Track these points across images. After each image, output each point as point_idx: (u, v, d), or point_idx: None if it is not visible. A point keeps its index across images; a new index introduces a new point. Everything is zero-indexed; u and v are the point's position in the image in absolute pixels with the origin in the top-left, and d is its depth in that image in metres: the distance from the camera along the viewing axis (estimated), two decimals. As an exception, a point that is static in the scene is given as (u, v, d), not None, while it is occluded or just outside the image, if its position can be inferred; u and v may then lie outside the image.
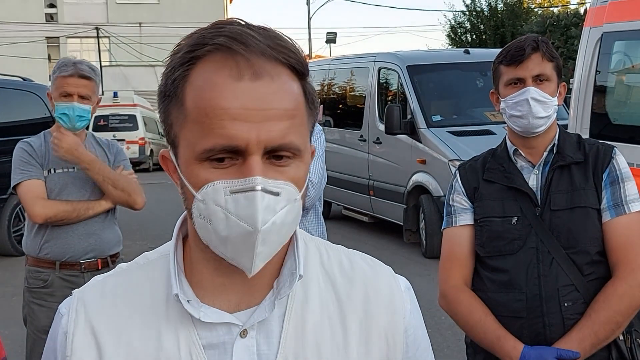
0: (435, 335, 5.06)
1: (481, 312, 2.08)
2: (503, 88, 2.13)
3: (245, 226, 0.89)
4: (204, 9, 32.75)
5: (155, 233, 9.57)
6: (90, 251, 3.11)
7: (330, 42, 30.92)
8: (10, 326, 5.88)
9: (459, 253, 2.17)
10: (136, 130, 23.13)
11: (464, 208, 2.17)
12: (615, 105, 6.17)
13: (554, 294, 2.02)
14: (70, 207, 3.04)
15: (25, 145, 3.11)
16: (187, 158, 0.93)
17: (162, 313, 0.99)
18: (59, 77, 3.05)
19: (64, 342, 1.00)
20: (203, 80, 0.91)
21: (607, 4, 5.94)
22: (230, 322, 0.98)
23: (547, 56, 2.08)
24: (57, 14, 34.96)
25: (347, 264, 1.07)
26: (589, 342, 1.96)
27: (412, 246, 8.67)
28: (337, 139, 10.66)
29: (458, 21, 26.15)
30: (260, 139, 0.89)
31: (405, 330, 1.06)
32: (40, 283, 3.10)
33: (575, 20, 17.67)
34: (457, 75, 9.13)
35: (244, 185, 0.89)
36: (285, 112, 0.91)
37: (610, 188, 2.06)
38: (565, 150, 2.11)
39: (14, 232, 8.86)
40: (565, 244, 2.03)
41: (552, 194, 2.07)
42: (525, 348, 1.99)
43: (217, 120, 0.89)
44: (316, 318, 1.01)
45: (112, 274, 1.07)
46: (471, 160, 2.26)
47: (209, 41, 0.91)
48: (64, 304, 1.05)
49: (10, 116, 9.03)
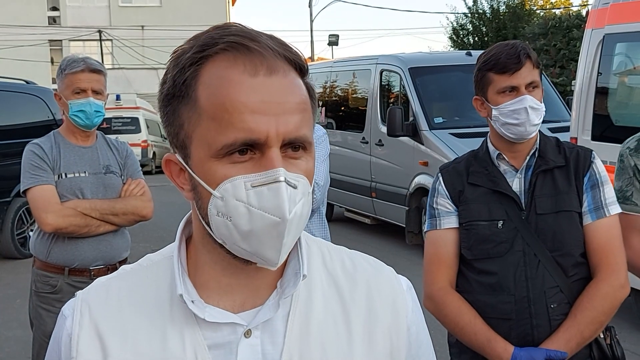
0: (437, 336, 4.95)
1: (470, 314, 2.10)
2: (494, 95, 2.13)
3: (271, 217, 0.91)
4: (206, 12, 32.82)
5: (158, 235, 9.59)
6: (100, 258, 3.07)
7: (333, 44, 30.92)
8: (14, 328, 5.89)
9: (444, 255, 2.18)
10: (139, 132, 23.16)
11: (449, 211, 2.19)
12: (617, 107, 6.18)
13: (541, 296, 2.06)
14: (83, 221, 2.98)
15: (35, 147, 3.03)
16: (202, 156, 0.93)
17: (166, 314, 1.00)
18: (70, 74, 2.99)
19: (69, 344, 1.00)
20: (217, 77, 0.92)
21: (609, 5, 5.95)
22: (234, 322, 0.98)
23: (536, 63, 2.12)
24: (60, 17, 35.02)
25: (349, 264, 1.08)
26: (575, 341, 2.02)
27: (414, 248, 8.66)
28: (340, 141, 10.65)
29: (460, 23, 26.13)
30: (279, 131, 0.91)
31: (408, 328, 1.07)
32: (49, 288, 3.06)
33: (577, 22, 17.66)
34: (459, 77, 9.13)
35: (268, 177, 0.90)
36: (298, 105, 0.94)
37: (591, 192, 2.11)
38: (547, 154, 2.14)
39: (18, 234, 8.87)
40: (550, 246, 2.07)
41: (537, 197, 2.10)
42: (516, 350, 2.02)
43: (237, 114, 0.90)
44: (320, 317, 1.02)
45: (115, 275, 1.07)
46: (453, 163, 2.28)
47: (219, 40, 0.93)
48: (67, 305, 1.05)
49: (14, 119, 9.04)
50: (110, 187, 3.11)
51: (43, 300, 3.08)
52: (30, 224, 8.83)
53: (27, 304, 3.25)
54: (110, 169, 3.13)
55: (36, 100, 9.22)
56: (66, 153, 3.06)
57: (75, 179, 3.04)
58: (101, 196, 3.07)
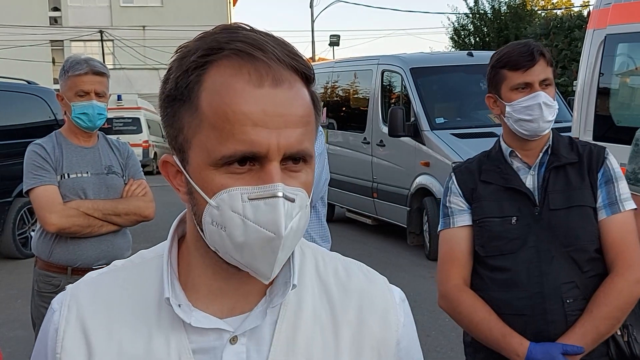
0: (439, 338, 5.14)
1: (484, 310, 2.10)
2: (508, 92, 2.14)
3: (266, 232, 0.89)
4: (207, 12, 32.85)
5: (159, 235, 9.57)
6: (102, 258, 3.07)
7: (334, 44, 30.94)
8: (16, 329, 5.89)
9: (458, 253, 2.19)
10: (140, 133, 23.18)
11: (462, 209, 2.19)
12: (619, 108, 6.18)
13: (555, 291, 2.06)
14: (86, 222, 3.00)
15: (38, 148, 3.04)
16: (201, 163, 0.92)
17: (153, 315, 0.99)
18: (73, 77, 2.99)
19: (55, 338, 0.99)
20: (221, 85, 0.90)
21: (611, 6, 5.95)
22: (220, 327, 0.97)
23: (549, 61, 2.13)
24: (61, 18, 35.07)
25: (342, 273, 1.07)
26: (590, 337, 2.01)
27: (415, 248, 8.67)
28: (341, 142, 10.67)
29: (461, 24, 26.13)
30: (280, 144, 0.89)
31: (397, 342, 1.05)
32: (51, 288, 3.07)
33: (579, 22, 17.64)
34: (460, 78, 9.13)
35: (265, 191, 0.89)
36: (301, 118, 0.92)
37: (606, 187, 2.12)
38: (560, 151, 2.15)
39: (19, 235, 8.86)
40: (564, 242, 2.07)
41: (550, 193, 2.10)
42: (532, 344, 2.02)
43: (238, 125, 0.88)
44: (308, 327, 1.00)
45: (106, 271, 1.05)
46: (466, 162, 2.29)
47: (225, 46, 0.90)
48: (56, 299, 1.04)
49: (15, 119, 9.05)
50: (112, 187, 3.12)
51: (45, 300, 3.08)
52: (32, 224, 8.84)
53: (28, 304, 3.25)
54: (112, 169, 3.14)
55: (37, 100, 9.23)
56: (68, 153, 3.07)
57: (78, 179, 3.05)
58: (103, 196, 3.08)
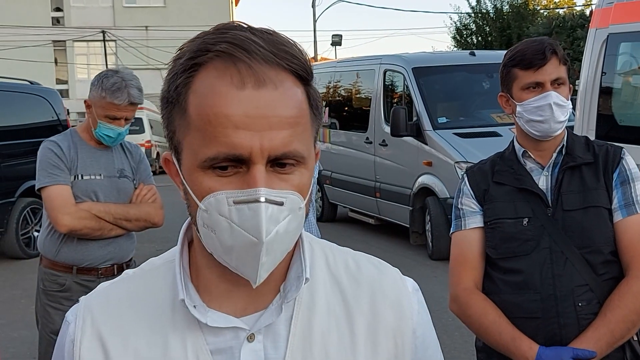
0: (442, 337, 4.97)
1: (494, 313, 2.06)
2: (519, 92, 2.09)
3: (250, 237, 0.89)
4: (209, 12, 32.83)
5: (163, 235, 9.57)
6: (109, 259, 3.10)
7: (336, 44, 30.91)
8: (20, 329, 5.90)
9: (469, 256, 2.14)
10: (142, 133, 23.16)
11: (473, 211, 2.15)
12: (622, 107, 6.16)
13: (568, 294, 2.00)
14: (97, 224, 3.01)
15: (53, 146, 3.03)
16: (190, 165, 0.92)
17: (168, 319, 0.99)
18: (109, 103, 2.98)
19: (72, 350, 1.00)
20: (205, 87, 0.90)
21: (613, 5, 5.94)
22: (237, 326, 0.97)
23: (562, 60, 2.08)
24: (64, 18, 35.08)
25: (353, 266, 1.07)
26: (605, 341, 1.94)
27: (418, 248, 8.67)
28: (343, 141, 10.67)
29: (464, 23, 26.14)
30: (263, 147, 0.88)
31: (413, 331, 1.05)
32: (57, 287, 3.09)
33: (581, 21, 17.65)
34: (463, 77, 9.11)
35: (248, 196, 0.88)
36: (288, 119, 0.90)
37: (621, 188, 2.05)
38: (575, 151, 2.10)
39: (22, 235, 8.87)
40: (579, 243, 2.02)
41: (564, 194, 2.05)
42: (541, 348, 1.97)
43: (220, 128, 0.88)
44: (323, 320, 1.01)
45: (118, 280, 1.06)
46: (479, 164, 2.24)
47: (210, 47, 0.90)
48: (70, 311, 1.05)
49: (18, 119, 9.07)
50: (123, 191, 3.14)
51: (51, 299, 3.11)
52: (35, 224, 8.85)
53: (32, 304, 3.26)
54: (124, 173, 3.16)
55: (40, 100, 9.26)
56: (83, 154, 3.08)
57: (91, 181, 3.06)
58: (114, 200, 3.09)
